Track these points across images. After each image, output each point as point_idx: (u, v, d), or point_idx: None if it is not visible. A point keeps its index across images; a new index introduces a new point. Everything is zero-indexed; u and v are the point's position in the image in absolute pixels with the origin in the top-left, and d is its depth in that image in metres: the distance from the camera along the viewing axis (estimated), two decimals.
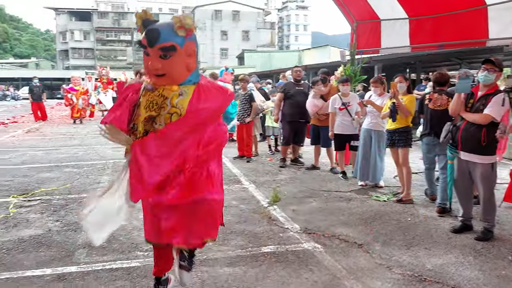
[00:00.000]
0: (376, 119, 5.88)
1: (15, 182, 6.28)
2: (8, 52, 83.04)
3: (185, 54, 2.40)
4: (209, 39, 60.15)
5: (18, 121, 16.38)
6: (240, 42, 60.62)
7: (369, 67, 11.77)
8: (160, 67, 2.35)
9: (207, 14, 60.47)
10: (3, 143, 10.59)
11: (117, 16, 65.75)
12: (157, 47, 2.33)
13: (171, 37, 2.34)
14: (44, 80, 36.84)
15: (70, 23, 64.09)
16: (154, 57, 2.35)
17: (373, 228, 4.41)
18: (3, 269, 3.38)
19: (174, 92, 2.41)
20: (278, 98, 7.69)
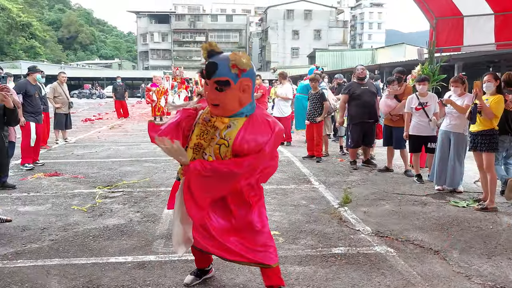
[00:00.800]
0: (456, 120, 5.56)
1: (101, 175, 6.80)
2: (94, 54, 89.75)
3: (238, 89, 2.50)
4: (281, 38, 60.38)
5: (103, 118, 17.64)
6: (311, 41, 60.16)
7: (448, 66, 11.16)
8: (215, 98, 2.51)
9: (279, 14, 60.73)
10: (90, 138, 11.50)
11: (193, 18, 68.26)
12: (213, 80, 2.47)
13: (227, 72, 2.45)
14: (126, 80, 39.30)
15: (150, 26, 67.65)
16: (211, 88, 2.51)
17: (451, 235, 4.20)
18: (90, 254, 3.69)
19: (224, 124, 2.56)
20: (343, 100, 7.52)
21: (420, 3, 7.11)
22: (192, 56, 67.49)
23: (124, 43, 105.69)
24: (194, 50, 67.86)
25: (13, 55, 56.49)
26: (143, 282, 3.18)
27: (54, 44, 75.11)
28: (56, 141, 10.17)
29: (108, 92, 39.19)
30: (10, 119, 4.34)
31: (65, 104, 9.97)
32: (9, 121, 4.37)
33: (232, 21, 68.44)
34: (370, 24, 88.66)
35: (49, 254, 3.67)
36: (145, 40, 68.21)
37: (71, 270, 3.37)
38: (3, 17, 52.43)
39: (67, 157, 8.46)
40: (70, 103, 10.24)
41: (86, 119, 16.73)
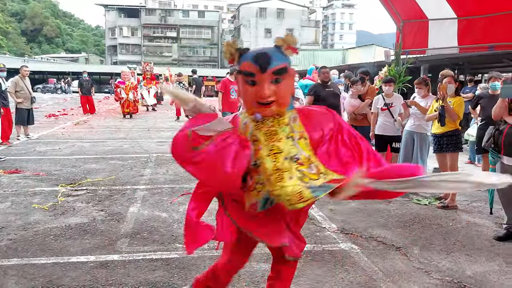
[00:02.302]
0: (420, 121, 5.73)
1: (64, 172, 6.61)
2: (60, 47, 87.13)
3: (292, 75, 2.17)
4: (253, 36, 60.46)
5: (67, 114, 17.15)
6: None
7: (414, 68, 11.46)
8: (273, 93, 2.06)
9: (251, 12, 60.80)
10: (54, 134, 11.16)
11: (164, 13, 67.28)
12: (270, 71, 2.06)
13: (282, 58, 2.12)
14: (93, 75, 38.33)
15: (119, 20, 66.24)
16: (264, 83, 2.05)
17: (413, 232, 4.32)
18: (51, 254, 3.59)
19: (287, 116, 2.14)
20: (308, 101, 7.59)
21: (387, 6, 7.25)
22: (162, 51, 66.59)
23: (91, 37, 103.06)
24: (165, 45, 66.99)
25: None
26: (105, 281, 3.11)
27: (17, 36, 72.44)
28: (18, 137, 9.81)
29: (74, 87, 38.14)
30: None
31: (27, 99, 9.64)
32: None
33: (204, 18, 67.94)
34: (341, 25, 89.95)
35: (7, 254, 3.55)
36: (113, 34, 66.77)
37: (30, 270, 3.26)
38: None
39: (29, 153, 8.17)
40: (33, 98, 9.91)
41: (50, 114, 16.21)
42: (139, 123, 14.18)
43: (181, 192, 5.50)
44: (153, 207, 4.91)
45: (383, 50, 21.56)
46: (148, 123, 14.43)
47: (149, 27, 66.55)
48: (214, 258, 3.55)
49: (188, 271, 3.31)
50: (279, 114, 2.12)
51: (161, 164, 7.32)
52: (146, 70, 19.63)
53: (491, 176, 1.98)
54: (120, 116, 16.33)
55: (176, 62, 62.66)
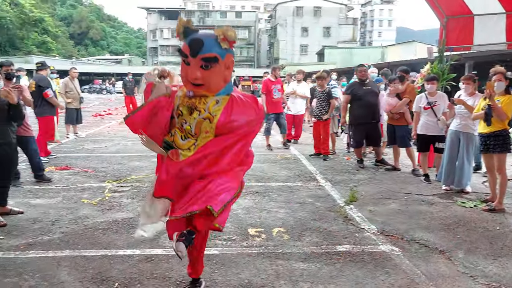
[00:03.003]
0: (466, 120, 5.54)
1: (110, 169, 6.89)
2: (104, 49, 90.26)
3: (224, 66, 2.44)
4: (290, 35, 60.24)
5: (112, 113, 17.78)
6: (320, 38, 59.92)
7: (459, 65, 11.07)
8: (200, 76, 2.38)
9: (288, 11, 60.56)
10: (100, 132, 11.63)
11: (202, 15, 68.28)
12: (199, 57, 2.35)
13: (214, 48, 2.37)
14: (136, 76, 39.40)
15: (160, 22, 67.82)
16: (194, 66, 2.38)
17: (457, 235, 4.21)
18: (100, 247, 3.77)
19: (213, 99, 2.48)
20: (345, 100, 7.50)
21: (430, 2, 7.08)
22: None
23: (134, 39, 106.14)
24: None
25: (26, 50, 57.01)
26: (150, 275, 3.24)
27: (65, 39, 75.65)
28: (67, 135, 10.30)
29: (118, 87, 39.40)
30: (14, 115, 4.40)
31: (76, 99, 10.08)
32: (14, 117, 4.43)
33: (241, 18, 68.36)
34: (380, 22, 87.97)
35: (60, 246, 3.76)
36: (154, 36, 68.45)
37: (81, 262, 3.44)
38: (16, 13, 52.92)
39: (78, 151, 8.57)
40: (81, 98, 10.35)
41: (97, 114, 16.90)
42: None
43: None
44: None
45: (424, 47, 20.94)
46: None
47: None
48: (253, 255, 3.62)
49: (228, 267, 3.39)
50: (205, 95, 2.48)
51: None
52: None
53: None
54: None
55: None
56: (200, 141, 2.52)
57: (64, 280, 3.13)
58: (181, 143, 2.56)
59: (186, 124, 2.52)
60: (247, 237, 4.06)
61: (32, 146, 5.83)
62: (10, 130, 4.43)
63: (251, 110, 2.52)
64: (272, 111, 9.08)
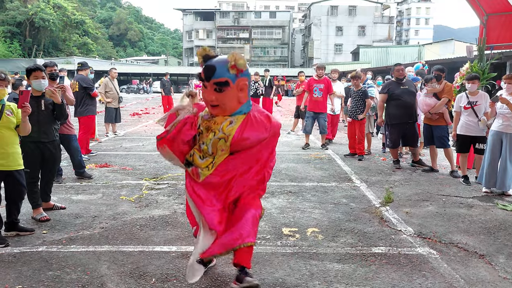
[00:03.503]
0: (509, 120, 5.35)
1: (147, 167, 7.07)
2: (142, 50, 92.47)
3: (236, 88, 2.72)
4: (324, 35, 59.69)
5: (149, 113, 18.19)
6: (355, 37, 59.06)
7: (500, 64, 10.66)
8: (215, 99, 2.71)
9: (322, 10, 60.01)
10: (138, 131, 11.94)
11: (237, 15, 68.70)
12: (212, 82, 2.68)
13: (225, 73, 2.67)
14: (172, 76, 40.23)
15: (196, 23, 68.73)
16: (210, 89, 2.71)
17: (498, 239, 4.07)
18: (137, 242, 3.88)
19: (226, 120, 2.78)
20: (381, 99, 7.33)
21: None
22: None
23: (170, 40, 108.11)
24: (238, 46, 68.32)
25: (67, 52, 59.21)
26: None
27: (105, 41, 77.97)
28: (106, 134, 10.63)
29: (155, 87, 40.27)
30: (59, 114, 4.59)
31: (115, 99, 10.39)
32: (58, 117, 4.62)
33: (276, 18, 68.28)
34: (417, 20, 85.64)
35: (100, 241, 3.90)
36: (190, 37, 69.42)
37: (120, 256, 3.56)
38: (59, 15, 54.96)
39: (116, 149, 8.84)
40: (120, 98, 10.66)
41: (134, 113, 17.33)
42: None
43: None
44: None
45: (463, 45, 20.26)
46: None
47: (223, 29, 68.29)
48: (287, 255, 3.63)
49: (262, 266, 3.42)
50: (220, 117, 2.78)
51: None
52: None
53: None
54: None
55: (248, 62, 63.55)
56: (217, 159, 2.82)
57: (104, 274, 3.25)
58: (200, 162, 2.86)
59: (204, 145, 2.82)
60: (281, 236, 4.08)
61: (74, 144, 6.06)
62: (54, 128, 4.63)
63: (262, 128, 2.80)
64: (312, 109, 9.06)
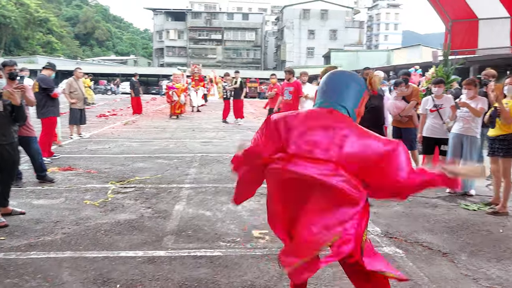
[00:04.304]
0: (469, 123, 5.53)
1: (113, 170, 6.90)
2: (110, 50, 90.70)
3: None
4: (296, 38, 60.25)
5: (117, 114, 17.83)
6: (327, 41, 59.88)
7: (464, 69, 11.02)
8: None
9: (295, 13, 60.57)
10: (104, 133, 11.65)
11: (209, 16, 68.40)
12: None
13: None
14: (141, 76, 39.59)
15: (166, 23, 67.99)
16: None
17: (460, 238, 4.18)
18: (102, 248, 3.76)
19: None
20: None
21: (435, 5, 7.06)
22: (207, 54, 67.72)
23: (140, 40, 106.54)
24: (210, 48, 68.09)
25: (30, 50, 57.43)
26: (152, 276, 3.23)
27: (70, 39, 76.14)
28: (71, 136, 10.33)
29: (123, 88, 39.53)
30: (17, 116, 4.41)
31: (80, 100, 10.12)
32: (17, 118, 4.44)
33: (248, 20, 68.44)
34: (386, 25, 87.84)
35: (62, 247, 3.76)
36: (161, 37, 68.64)
37: (83, 263, 3.44)
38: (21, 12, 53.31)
39: (81, 152, 8.59)
40: (85, 99, 10.38)
41: (101, 114, 16.94)
42: (184, 124, 14.53)
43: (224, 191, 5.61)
44: (198, 206, 5.04)
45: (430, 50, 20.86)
46: (193, 123, 14.75)
47: (194, 30, 67.87)
48: (256, 257, 3.60)
49: (231, 269, 3.38)
50: None
51: (205, 164, 7.48)
52: (194, 72, 20.05)
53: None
54: (166, 116, 16.82)
55: (220, 64, 63.46)
56: None
57: (66, 281, 3.13)
58: None
59: None
60: (251, 238, 4.05)
61: (34, 146, 5.84)
62: (13, 130, 4.44)
63: None
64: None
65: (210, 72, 25.73)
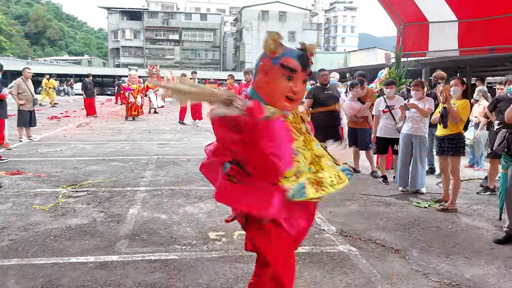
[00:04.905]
0: (418, 124, 5.75)
1: (65, 174, 6.63)
2: (63, 50, 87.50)
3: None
4: (255, 39, 60.46)
5: (70, 116, 17.20)
6: (285, 43, 58.94)
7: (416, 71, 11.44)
8: (301, 90, 2.23)
9: (254, 15, 60.87)
10: (56, 136, 11.19)
11: (166, 16, 67.40)
12: (307, 72, 2.24)
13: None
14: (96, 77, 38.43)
15: (122, 22, 66.39)
16: (298, 81, 2.20)
17: (412, 234, 4.32)
18: (51, 254, 3.60)
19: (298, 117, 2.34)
20: (307, 104, 7.58)
21: (388, 8, 7.29)
22: (165, 54, 66.72)
23: (94, 40, 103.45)
24: (167, 48, 67.11)
25: None
26: (104, 282, 3.13)
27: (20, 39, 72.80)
28: (20, 139, 9.84)
29: (77, 89, 38.15)
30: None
31: (29, 101, 9.68)
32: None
33: (207, 20, 68.07)
34: (343, 28, 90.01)
35: (8, 254, 3.57)
36: (116, 37, 66.94)
37: (30, 270, 3.28)
38: None
39: (31, 155, 8.20)
40: (35, 100, 9.95)
41: (53, 116, 16.27)
42: (140, 125, 14.21)
43: (180, 194, 5.53)
44: (153, 209, 4.93)
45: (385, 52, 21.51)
46: (150, 125, 14.46)
47: (151, 30, 66.69)
48: (212, 259, 3.57)
49: (186, 273, 3.32)
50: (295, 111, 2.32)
51: (162, 166, 7.34)
52: (152, 73, 19.63)
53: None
54: (121, 118, 16.39)
55: (179, 64, 62.74)
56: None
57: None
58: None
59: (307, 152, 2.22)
60: (208, 241, 4.00)
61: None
62: None
63: None
64: None
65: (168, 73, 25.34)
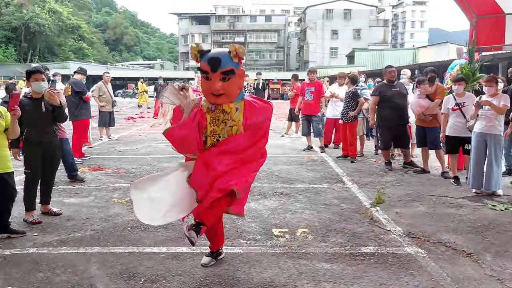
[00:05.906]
0: (492, 121, 5.42)
1: (141, 170, 7.08)
2: (138, 55, 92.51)
3: (238, 75, 2.96)
4: (319, 38, 59.87)
5: (144, 117, 18.19)
6: (350, 41, 59.22)
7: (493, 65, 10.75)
8: (221, 87, 2.90)
9: (318, 14, 60.20)
10: (132, 135, 11.95)
11: (232, 19, 68.79)
12: (219, 72, 2.88)
13: (230, 62, 2.90)
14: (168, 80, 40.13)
15: (191, 27, 68.76)
16: (215, 80, 2.90)
17: (485, 238, 4.11)
18: (128, 244, 3.91)
19: (232, 108, 3.01)
20: (373, 102, 7.40)
21: (459, 2, 6.94)
22: None
23: (166, 44, 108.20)
24: None
25: (63, 56, 59.17)
26: (175, 272, 3.34)
27: (101, 45, 78.01)
28: (100, 138, 10.63)
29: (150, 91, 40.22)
30: (58, 115, 4.63)
31: (109, 103, 10.40)
32: (57, 118, 4.65)
33: (271, 22, 68.43)
34: (412, 23, 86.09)
35: (91, 243, 3.92)
36: (186, 41, 69.42)
37: (110, 258, 3.58)
38: (54, 20, 54.96)
39: (110, 153, 8.85)
40: (114, 102, 10.67)
41: (129, 117, 17.33)
42: None
43: None
44: None
45: None
46: None
47: (218, 33, 68.34)
48: (276, 255, 3.66)
49: (251, 266, 3.45)
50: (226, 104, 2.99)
51: None
52: None
53: None
54: None
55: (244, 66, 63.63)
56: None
57: (94, 275, 3.27)
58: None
59: (221, 138, 3.05)
60: (271, 237, 4.11)
61: (66, 147, 6.07)
62: (54, 129, 4.67)
63: (264, 110, 3.08)
64: (304, 112, 9.27)
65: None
